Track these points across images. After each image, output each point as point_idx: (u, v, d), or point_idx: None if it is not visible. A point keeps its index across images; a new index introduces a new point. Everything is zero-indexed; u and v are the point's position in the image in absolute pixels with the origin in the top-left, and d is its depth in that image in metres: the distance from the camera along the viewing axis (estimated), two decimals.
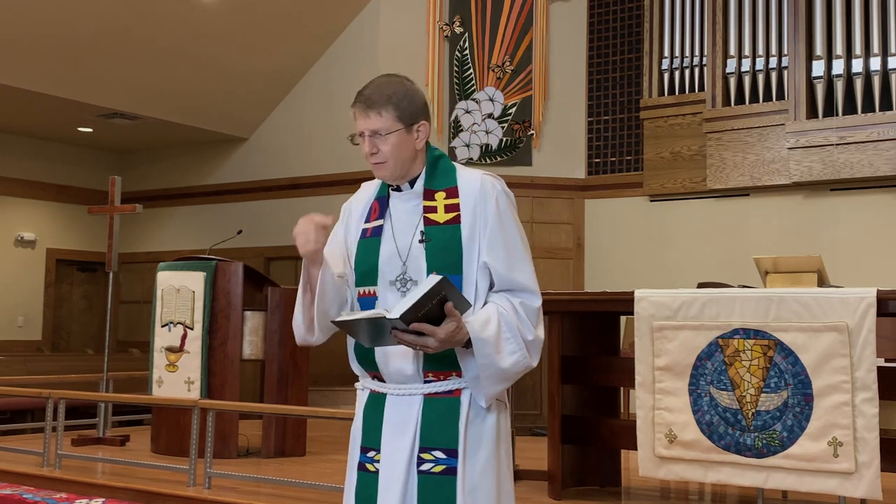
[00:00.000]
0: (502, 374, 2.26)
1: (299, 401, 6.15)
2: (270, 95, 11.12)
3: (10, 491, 5.08)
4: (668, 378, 4.16)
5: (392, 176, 2.37)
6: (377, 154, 2.33)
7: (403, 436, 2.28)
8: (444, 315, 2.18)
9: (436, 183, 2.37)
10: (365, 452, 2.35)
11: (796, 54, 8.93)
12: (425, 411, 2.29)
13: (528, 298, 2.32)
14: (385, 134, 2.31)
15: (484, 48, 10.37)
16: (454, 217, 2.32)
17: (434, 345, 2.18)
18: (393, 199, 2.41)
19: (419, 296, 2.14)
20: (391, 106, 2.30)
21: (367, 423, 2.36)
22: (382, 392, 2.35)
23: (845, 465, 3.76)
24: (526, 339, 2.29)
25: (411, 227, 2.35)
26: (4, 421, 8.56)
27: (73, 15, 8.98)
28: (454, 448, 2.26)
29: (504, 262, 2.31)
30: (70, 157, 12.55)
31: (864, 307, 3.75)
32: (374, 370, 2.35)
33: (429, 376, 2.30)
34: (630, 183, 10.04)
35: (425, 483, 2.25)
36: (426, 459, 2.26)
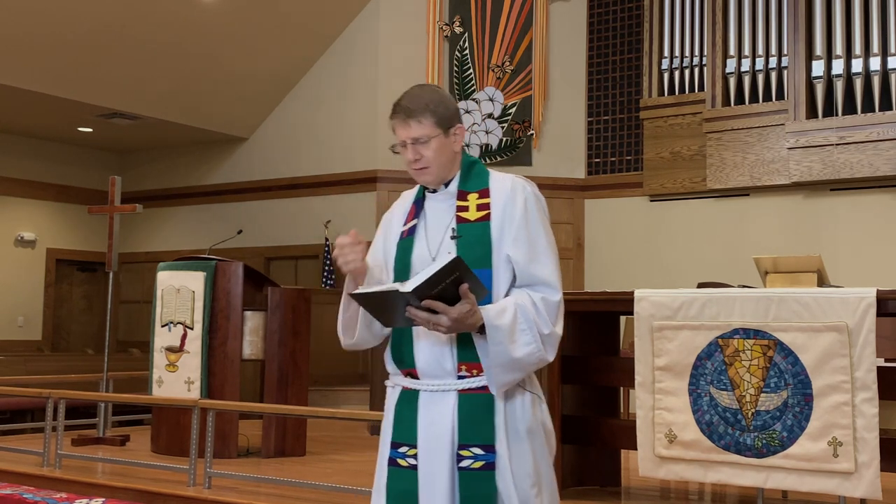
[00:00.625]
0: (514, 364, 2.29)
1: (299, 401, 6.15)
2: (270, 95, 11.12)
3: (10, 491, 5.08)
4: (668, 378, 4.16)
5: (434, 180, 2.48)
6: (420, 160, 2.44)
7: (441, 432, 2.32)
8: (459, 297, 2.22)
9: (469, 185, 2.47)
10: (396, 448, 2.39)
11: (796, 54, 8.93)
12: (461, 408, 2.33)
13: (548, 293, 2.36)
14: (426, 140, 2.42)
15: (484, 48, 10.37)
16: (485, 215, 2.40)
17: (446, 323, 2.21)
18: (428, 200, 2.53)
19: (432, 272, 2.18)
20: (429, 113, 2.41)
21: (399, 418, 2.40)
22: (415, 389, 2.39)
23: (845, 465, 3.76)
24: (542, 333, 2.32)
25: (444, 225, 2.45)
26: (4, 421, 8.56)
27: (72, 15, 8.98)
28: (491, 444, 2.30)
29: (526, 255, 2.36)
30: (70, 157, 12.55)
31: (864, 307, 3.76)
32: (409, 367, 2.39)
33: (462, 370, 2.34)
34: (630, 183, 10.04)
35: (466, 479, 2.29)
36: (465, 456, 2.30)
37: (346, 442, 6.90)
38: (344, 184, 10.59)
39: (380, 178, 10.29)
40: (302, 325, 6.22)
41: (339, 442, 6.88)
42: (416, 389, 2.38)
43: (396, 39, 10.36)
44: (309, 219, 10.83)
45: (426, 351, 2.36)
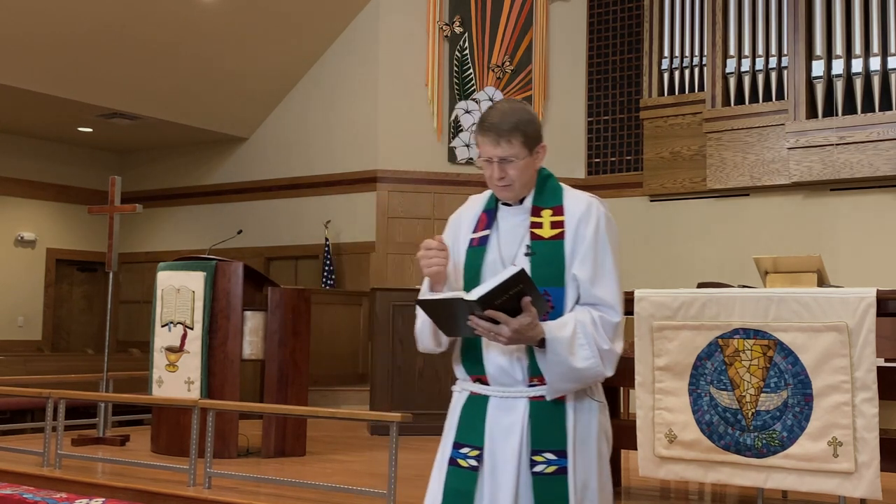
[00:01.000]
0: (573, 374, 2.38)
1: (299, 401, 6.15)
2: (270, 95, 11.13)
3: (10, 491, 5.08)
4: (668, 378, 4.16)
5: (516, 196, 2.51)
6: (505, 178, 2.46)
7: (510, 437, 2.40)
8: (521, 309, 2.28)
9: (544, 201, 2.51)
10: (458, 448, 2.46)
11: (796, 54, 8.93)
12: (532, 414, 2.40)
13: (608, 313, 2.43)
14: (514, 160, 2.44)
15: (484, 48, 10.37)
16: (559, 233, 2.46)
17: (507, 334, 2.29)
18: (501, 212, 2.55)
19: (497, 282, 2.24)
20: (519, 133, 2.43)
21: (465, 421, 2.48)
22: (484, 395, 2.47)
23: (845, 465, 3.76)
24: (601, 349, 2.39)
25: (517, 239, 2.49)
26: (4, 421, 8.56)
27: (72, 15, 8.98)
28: (563, 449, 2.39)
29: (591, 276, 2.43)
30: (70, 157, 12.55)
31: (864, 307, 3.75)
32: (479, 373, 2.47)
33: (534, 381, 2.42)
34: (630, 183, 10.04)
35: (540, 483, 2.37)
36: (538, 461, 2.39)
37: (346, 442, 6.89)
38: (344, 184, 10.59)
39: (380, 178, 10.29)
40: (302, 325, 6.22)
41: (339, 442, 6.88)
42: (486, 395, 2.46)
43: (396, 39, 10.36)
44: (309, 219, 10.83)
45: (496, 360, 2.44)
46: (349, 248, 10.50)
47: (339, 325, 9.68)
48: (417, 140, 10.30)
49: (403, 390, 7.22)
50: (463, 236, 2.60)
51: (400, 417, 4.35)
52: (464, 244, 2.57)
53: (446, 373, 7.23)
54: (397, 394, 7.19)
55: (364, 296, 9.90)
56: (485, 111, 2.50)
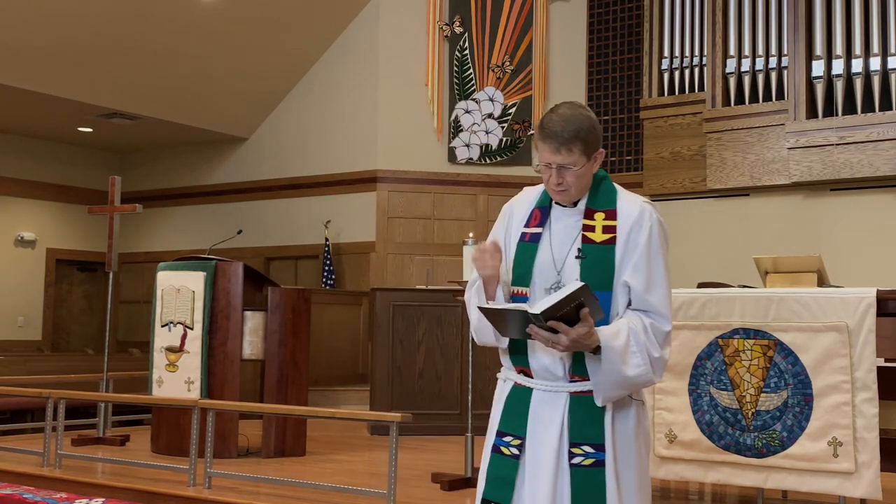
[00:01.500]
0: (624, 382, 2.43)
1: (299, 401, 6.15)
2: (270, 95, 11.13)
3: (10, 491, 5.08)
4: (668, 378, 4.16)
5: (572, 200, 2.55)
6: (563, 184, 2.50)
7: (550, 429, 2.47)
8: (578, 318, 2.35)
9: (597, 203, 2.54)
10: (501, 436, 2.54)
11: (796, 54, 8.93)
12: (572, 409, 2.47)
13: (659, 321, 2.48)
14: (574, 167, 2.47)
15: (484, 48, 10.37)
16: (610, 238, 2.50)
17: (565, 343, 2.36)
18: (555, 210, 2.58)
19: (561, 297, 2.32)
20: (579, 141, 2.45)
21: (509, 410, 2.55)
22: (528, 386, 2.53)
23: (845, 465, 3.76)
24: (652, 356, 2.45)
25: (569, 240, 2.53)
26: (4, 421, 8.56)
27: (72, 15, 8.98)
28: (601, 443, 2.45)
29: (643, 283, 2.48)
30: (70, 157, 12.55)
31: (864, 307, 3.76)
32: (524, 365, 2.53)
33: (575, 378, 2.48)
34: (630, 183, 10.03)
35: (577, 475, 2.44)
36: (577, 454, 2.45)
37: (345, 442, 6.89)
38: (344, 184, 10.59)
39: (380, 178, 10.29)
40: (302, 325, 6.22)
41: (339, 442, 6.88)
42: (530, 387, 2.53)
43: (396, 39, 10.36)
44: (309, 219, 10.83)
45: (540, 358, 2.50)
46: (349, 248, 10.50)
47: (339, 325, 9.68)
48: (417, 140, 10.30)
49: (403, 390, 7.23)
50: (515, 228, 2.63)
51: (400, 417, 4.35)
52: (515, 237, 2.61)
53: (446, 373, 7.25)
54: (397, 394, 7.19)
55: (364, 296, 9.90)
56: (545, 115, 2.51)
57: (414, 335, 7.28)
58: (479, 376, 7.01)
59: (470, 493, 4.77)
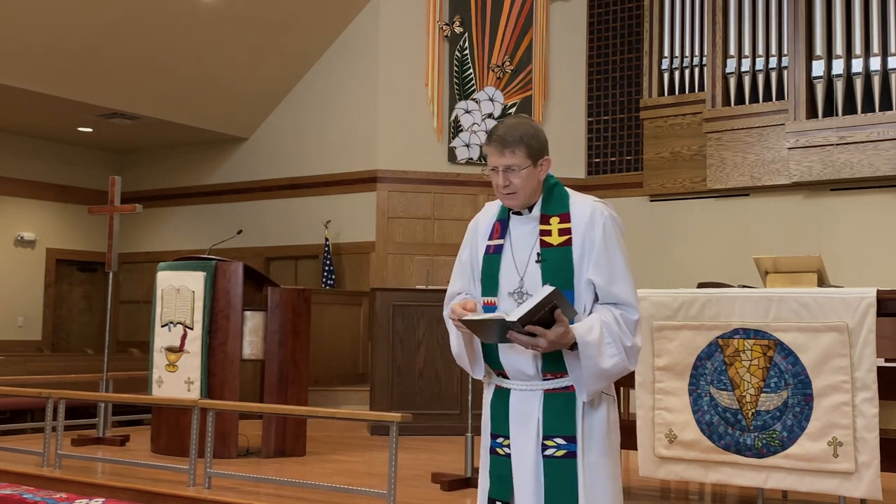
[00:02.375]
0: (603, 374, 2.57)
1: (299, 401, 6.15)
2: (270, 95, 11.13)
3: (10, 491, 5.08)
4: (668, 378, 4.16)
5: (520, 204, 2.71)
6: (509, 186, 2.67)
7: (528, 425, 2.63)
8: (554, 320, 2.50)
9: (551, 208, 2.71)
10: (495, 438, 2.71)
11: (796, 54, 8.93)
12: (546, 405, 2.63)
13: (627, 311, 2.62)
14: (517, 169, 2.65)
15: (484, 48, 10.37)
16: (566, 240, 2.65)
17: (544, 345, 2.50)
18: (513, 221, 2.75)
19: (534, 303, 2.47)
20: (523, 145, 2.64)
21: (495, 413, 2.72)
22: (507, 387, 2.69)
23: (845, 465, 3.76)
24: (625, 346, 2.59)
25: (528, 247, 2.69)
26: (4, 421, 8.56)
27: (73, 15, 8.98)
28: (573, 435, 2.61)
29: (606, 278, 2.62)
30: (70, 157, 12.55)
31: (864, 307, 3.75)
32: (500, 369, 2.69)
33: (547, 376, 2.63)
34: (630, 183, 10.04)
35: (550, 465, 2.60)
36: (549, 446, 2.61)
37: (345, 442, 6.89)
38: (344, 184, 10.59)
39: (380, 178, 10.29)
40: (302, 325, 6.22)
41: (339, 442, 6.88)
42: (508, 388, 2.68)
43: (396, 39, 10.36)
44: (309, 219, 10.83)
45: (510, 361, 2.65)
46: (349, 248, 10.50)
47: (339, 325, 9.68)
48: (417, 140, 10.30)
49: (403, 390, 7.23)
50: (480, 242, 2.80)
51: (400, 417, 4.35)
52: (481, 251, 2.78)
53: (446, 373, 7.25)
54: (397, 394, 7.19)
55: (364, 296, 9.90)
56: (494, 125, 2.72)
57: (414, 335, 7.28)
58: None
59: (470, 493, 4.77)
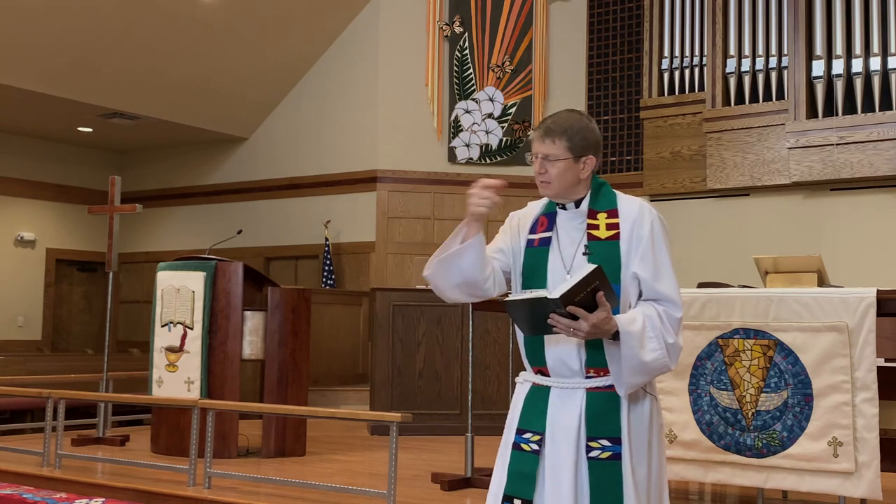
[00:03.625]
0: (643, 368, 2.53)
1: (299, 401, 6.15)
2: (270, 95, 11.12)
3: (10, 491, 5.08)
4: (668, 378, 4.16)
5: (554, 195, 2.69)
6: (544, 174, 2.65)
7: (569, 424, 2.56)
8: (596, 305, 2.45)
9: (599, 205, 2.70)
10: (521, 434, 2.63)
11: (796, 54, 8.93)
12: (589, 404, 2.57)
13: (671, 308, 2.60)
14: (554, 160, 2.63)
15: (484, 48, 10.37)
16: (614, 234, 2.64)
17: (586, 329, 2.45)
18: (560, 216, 2.72)
19: (578, 279, 2.42)
20: (565, 137, 2.63)
21: (529, 409, 2.64)
22: (546, 385, 2.63)
23: (845, 465, 3.76)
24: (667, 342, 2.56)
25: (575, 241, 2.67)
26: (4, 421, 8.56)
27: (73, 15, 8.98)
28: (618, 436, 2.55)
29: (651, 273, 2.60)
30: (70, 157, 12.55)
31: (864, 307, 3.75)
32: (541, 364, 2.63)
33: (590, 372, 2.58)
34: (630, 183, 10.04)
35: (595, 468, 2.53)
36: (594, 447, 2.55)
37: (345, 442, 6.89)
38: (344, 184, 10.59)
39: (380, 178, 10.29)
40: (302, 325, 6.22)
41: (339, 442, 6.88)
42: (547, 386, 2.62)
43: (396, 39, 10.36)
44: (309, 219, 10.83)
45: (555, 353, 2.60)
46: (349, 248, 10.50)
47: (339, 325, 9.68)
48: (417, 140, 10.30)
49: (403, 390, 7.23)
50: (522, 236, 2.76)
51: (400, 417, 4.35)
52: (522, 243, 2.74)
53: (446, 373, 7.25)
54: (397, 394, 7.19)
55: (364, 296, 9.90)
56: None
57: (414, 335, 7.28)
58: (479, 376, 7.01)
59: (470, 493, 4.77)
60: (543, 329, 2.52)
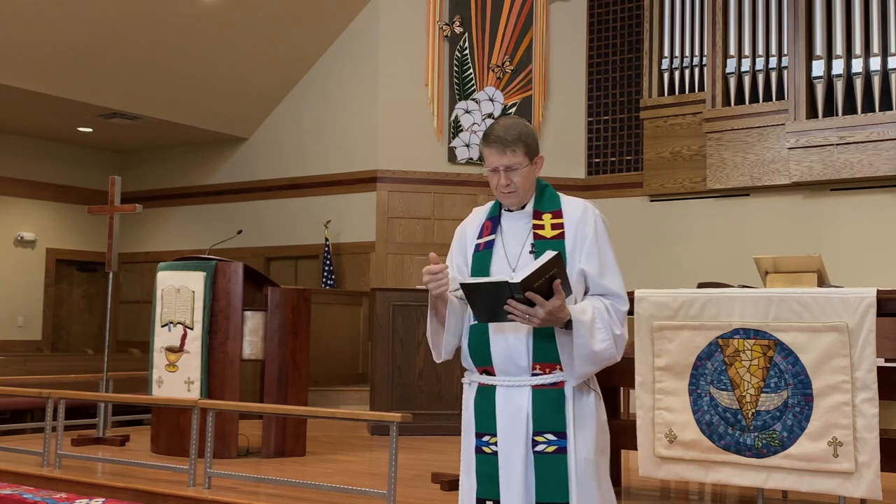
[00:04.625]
0: (593, 357, 2.62)
1: (299, 401, 6.15)
2: (270, 95, 11.12)
3: (10, 491, 5.08)
4: (668, 378, 4.16)
5: (518, 202, 2.78)
6: (510, 185, 2.73)
7: (517, 422, 2.64)
8: (552, 293, 2.53)
9: (543, 206, 2.79)
10: (480, 437, 2.71)
11: (796, 54, 8.93)
12: (535, 400, 2.64)
13: (617, 302, 2.71)
14: (517, 168, 2.72)
15: (484, 48, 10.37)
16: (559, 233, 2.73)
17: (541, 315, 2.52)
18: (504, 218, 2.82)
19: (538, 265, 2.50)
20: (521, 144, 2.72)
21: (480, 411, 2.72)
22: (491, 385, 2.70)
23: (845, 465, 3.76)
24: (614, 333, 2.66)
25: (520, 241, 2.75)
26: (4, 421, 8.56)
27: (73, 15, 8.98)
28: (563, 430, 2.64)
29: (597, 269, 2.71)
30: (70, 157, 12.55)
31: (864, 307, 3.75)
32: (486, 364, 2.69)
33: (536, 369, 2.65)
34: (630, 183, 10.04)
35: (541, 461, 2.63)
36: (540, 441, 2.63)
37: (345, 442, 6.90)
38: (344, 184, 10.59)
39: (380, 178, 10.29)
40: (302, 325, 6.22)
41: (339, 442, 6.88)
42: (493, 385, 2.70)
43: (396, 39, 10.36)
44: (309, 219, 10.83)
45: (502, 350, 2.67)
46: (349, 248, 10.50)
47: (339, 325, 9.68)
48: (417, 140, 10.30)
49: (403, 390, 7.23)
50: (469, 243, 2.85)
51: (400, 417, 4.35)
52: (470, 250, 2.83)
53: (446, 373, 7.24)
54: (397, 394, 7.20)
55: (364, 296, 9.90)
56: (489, 127, 2.77)
57: (414, 335, 7.28)
58: None
59: None
60: (497, 315, 2.57)
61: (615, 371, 4.77)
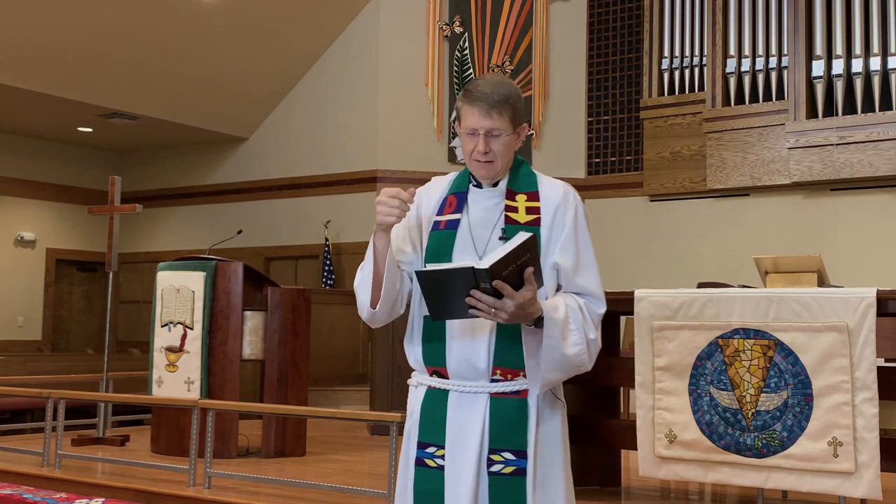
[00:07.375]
0: (563, 362, 2.25)
1: (299, 401, 6.15)
2: (270, 95, 11.12)
3: (10, 491, 5.08)
4: (668, 378, 4.16)
5: (495, 175, 2.38)
6: (489, 153, 2.33)
7: (470, 435, 2.28)
8: (523, 283, 2.17)
9: (518, 185, 2.39)
10: (423, 448, 2.35)
11: (796, 54, 8.93)
12: (493, 412, 2.29)
13: (593, 303, 2.34)
14: (499, 134, 2.31)
15: (484, 48, 10.37)
16: (535, 219, 2.34)
17: (510, 310, 2.15)
18: (472, 194, 2.41)
19: (510, 249, 2.13)
20: (508, 107, 2.31)
21: (426, 419, 2.36)
22: (443, 389, 2.35)
23: (845, 465, 3.76)
24: (588, 337, 2.29)
25: (490, 223, 2.36)
26: (4, 421, 8.56)
27: (73, 15, 8.98)
28: (523, 449, 2.27)
29: (573, 265, 2.33)
30: (70, 157, 12.55)
31: (864, 307, 3.75)
32: (439, 364, 2.35)
33: (496, 374, 2.30)
34: (630, 183, 10.04)
35: (496, 484, 2.26)
36: (496, 461, 2.27)
37: (345, 442, 6.89)
38: (344, 184, 10.59)
39: (380, 178, 10.29)
40: (302, 325, 6.22)
41: (339, 442, 6.88)
42: (445, 389, 2.35)
43: (396, 39, 10.36)
44: (309, 219, 10.83)
45: (458, 352, 2.32)
46: (349, 248, 10.50)
47: (339, 325, 9.68)
48: (417, 140, 10.30)
49: (403, 390, 7.17)
50: (425, 219, 2.44)
51: (400, 417, 4.34)
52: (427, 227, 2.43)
53: None
54: (397, 394, 7.19)
55: None
56: (471, 82, 2.36)
57: None
58: None
59: None
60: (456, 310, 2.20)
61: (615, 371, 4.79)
